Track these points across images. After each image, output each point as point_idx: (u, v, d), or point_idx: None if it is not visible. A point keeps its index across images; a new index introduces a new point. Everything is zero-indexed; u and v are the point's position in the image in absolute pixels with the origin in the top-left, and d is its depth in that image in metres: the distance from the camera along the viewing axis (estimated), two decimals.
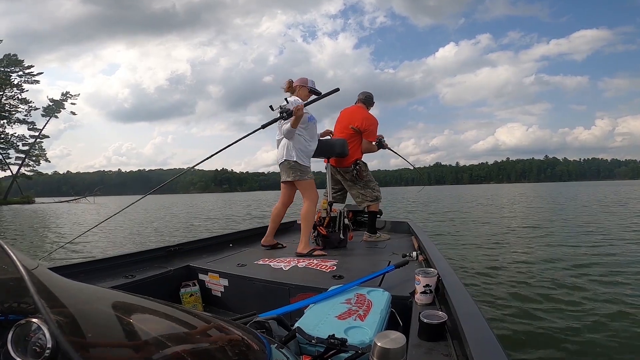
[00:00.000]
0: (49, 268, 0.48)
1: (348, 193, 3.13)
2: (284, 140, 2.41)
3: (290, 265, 1.96)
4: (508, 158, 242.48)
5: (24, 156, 36.72)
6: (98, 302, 0.47)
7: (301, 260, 1.97)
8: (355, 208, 3.22)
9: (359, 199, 2.98)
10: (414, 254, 1.98)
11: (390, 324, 1.15)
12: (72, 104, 39.24)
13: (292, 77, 2.54)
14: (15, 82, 35.12)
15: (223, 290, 1.87)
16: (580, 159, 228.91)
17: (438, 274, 1.27)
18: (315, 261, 2.04)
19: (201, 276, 1.95)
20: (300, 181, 2.42)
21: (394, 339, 0.69)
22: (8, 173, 36.91)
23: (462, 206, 15.13)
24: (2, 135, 35.56)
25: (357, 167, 2.86)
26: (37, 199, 39.46)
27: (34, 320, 0.37)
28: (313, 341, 0.91)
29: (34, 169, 38.16)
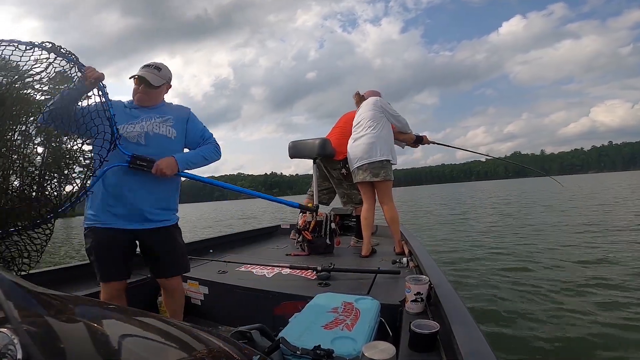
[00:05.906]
0: (20, 275, 0.47)
1: (336, 196, 3.13)
2: (375, 136, 2.37)
3: (274, 272, 1.96)
4: (610, 142, 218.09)
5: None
6: (71, 311, 0.47)
7: (285, 267, 1.97)
8: (342, 212, 3.23)
9: (344, 199, 2.99)
10: (405, 260, 2.01)
11: (380, 334, 1.15)
12: None
13: (336, 70, 2.74)
14: None
15: (203, 298, 1.85)
16: None
17: (430, 281, 1.29)
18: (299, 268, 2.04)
19: None
20: (388, 181, 2.39)
21: (383, 350, 0.70)
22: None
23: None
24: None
25: (347, 165, 2.74)
26: None
27: (3, 330, 0.37)
28: (298, 352, 0.92)
29: None
